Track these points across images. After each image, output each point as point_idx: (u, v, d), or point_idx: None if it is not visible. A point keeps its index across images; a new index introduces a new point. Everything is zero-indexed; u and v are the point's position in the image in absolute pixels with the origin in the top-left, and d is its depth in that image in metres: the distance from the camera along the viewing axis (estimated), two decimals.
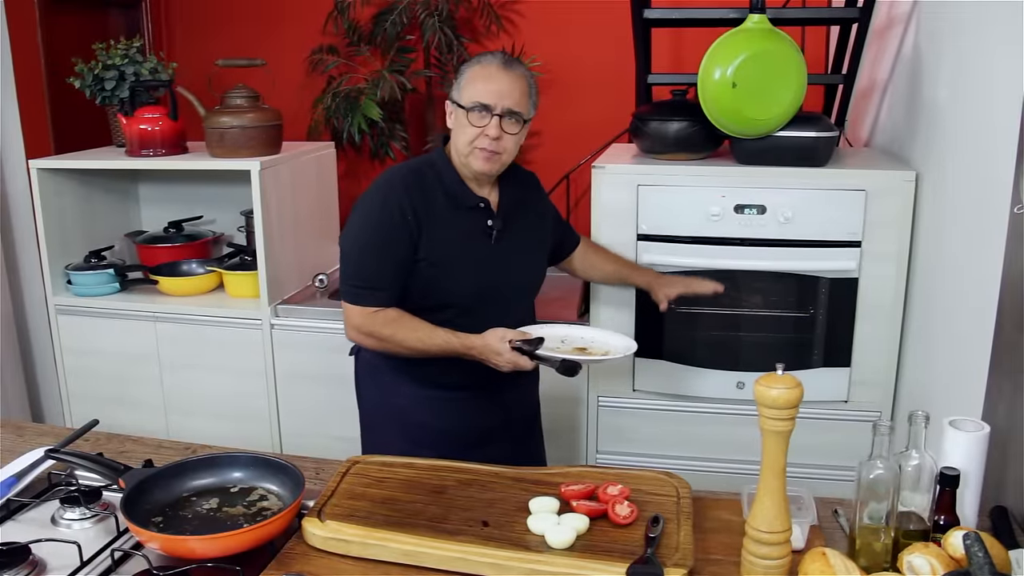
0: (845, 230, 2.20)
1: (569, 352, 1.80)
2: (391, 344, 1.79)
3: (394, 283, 1.78)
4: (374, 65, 3.70)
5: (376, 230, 1.78)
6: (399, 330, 1.77)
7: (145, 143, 2.85)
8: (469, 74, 1.78)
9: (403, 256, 1.77)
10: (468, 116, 1.75)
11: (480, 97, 1.74)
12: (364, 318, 1.79)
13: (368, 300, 1.78)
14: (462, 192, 1.82)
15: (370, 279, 1.78)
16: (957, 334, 1.87)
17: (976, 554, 1.10)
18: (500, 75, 1.75)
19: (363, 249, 1.79)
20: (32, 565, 1.34)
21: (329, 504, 1.47)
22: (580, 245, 2.18)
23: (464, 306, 1.82)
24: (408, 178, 1.80)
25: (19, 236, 3.32)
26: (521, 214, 1.90)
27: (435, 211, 1.79)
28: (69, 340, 2.94)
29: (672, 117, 2.34)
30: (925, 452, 1.33)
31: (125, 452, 1.81)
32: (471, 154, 1.77)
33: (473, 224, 1.83)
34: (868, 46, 2.49)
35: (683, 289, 2.11)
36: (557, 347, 1.81)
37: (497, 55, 1.79)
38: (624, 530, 1.40)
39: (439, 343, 1.76)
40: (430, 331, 1.76)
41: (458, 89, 1.79)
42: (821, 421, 2.32)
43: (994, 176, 1.66)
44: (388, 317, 1.78)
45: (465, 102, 1.76)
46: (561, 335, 1.87)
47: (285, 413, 2.81)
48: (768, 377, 1.23)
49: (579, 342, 1.87)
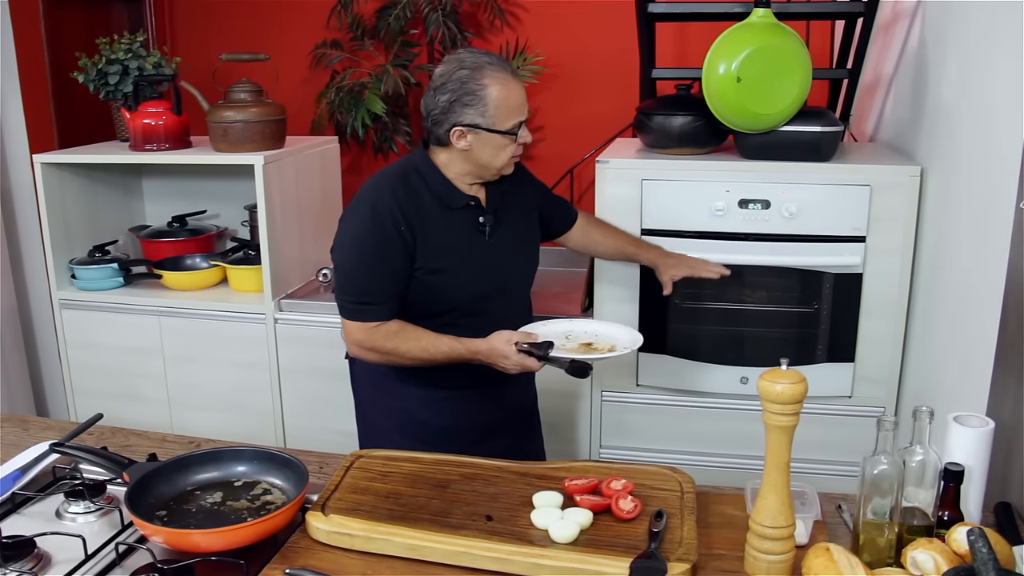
0: (850, 225, 2.19)
1: (575, 349, 1.78)
2: (395, 357, 1.75)
3: (392, 296, 1.74)
4: (378, 59, 3.70)
5: (369, 243, 1.72)
6: (402, 343, 1.73)
7: (149, 137, 2.85)
8: (495, 95, 1.68)
9: (399, 267, 1.73)
10: (508, 137, 1.72)
11: (517, 116, 1.72)
12: (365, 334, 1.75)
13: (367, 316, 1.74)
14: (450, 193, 1.78)
15: (367, 295, 1.74)
16: (962, 330, 1.87)
17: (980, 550, 1.09)
18: (517, 86, 1.72)
19: (357, 264, 1.74)
20: (37, 558, 1.35)
21: (333, 498, 1.48)
22: (579, 220, 2.12)
23: (467, 307, 1.80)
24: (395, 186, 1.74)
25: (23, 231, 3.32)
26: (510, 205, 1.87)
27: (427, 216, 1.74)
28: (73, 334, 2.94)
29: (676, 112, 2.34)
30: (929, 448, 1.33)
31: (129, 446, 1.81)
32: (506, 165, 1.76)
33: (465, 224, 1.80)
34: (873, 41, 2.48)
35: (688, 271, 2.08)
36: (562, 344, 1.79)
37: (496, 63, 1.71)
38: (628, 525, 1.40)
39: (444, 351, 1.73)
40: (434, 340, 1.73)
41: (484, 115, 1.69)
42: (825, 416, 2.31)
43: (999, 171, 1.66)
44: (390, 331, 1.74)
45: (505, 127, 1.70)
46: (564, 330, 1.85)
47: (289, 407, 2.81)
48: (772, 372, 1.23)
49: (584, 337, 1.84)
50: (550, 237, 2.10)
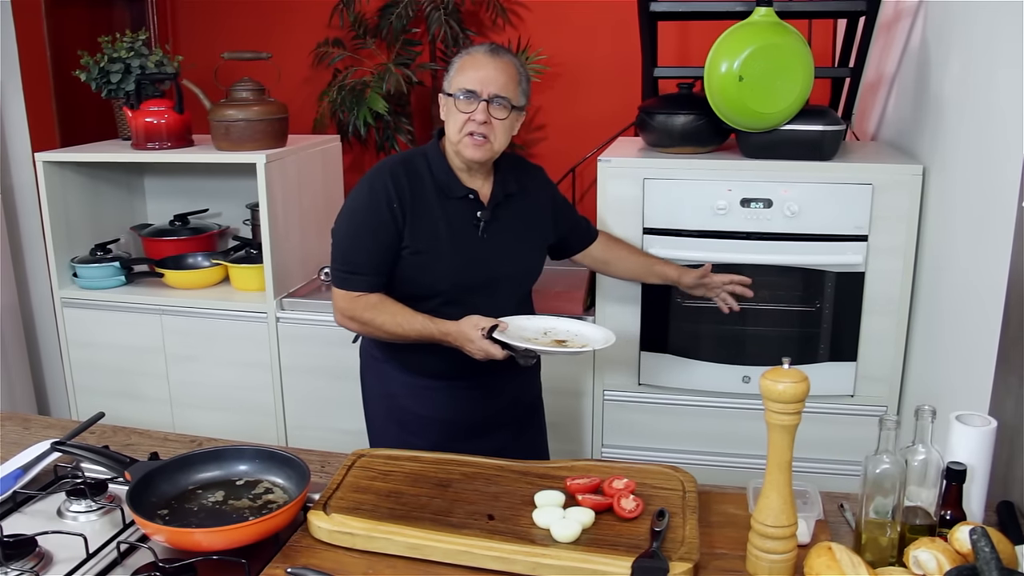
0: (852, 224, 2.19)
1: (548, 344, 1.79)
2: (372, 328, 1.82)
3: (378, 269, 1.81)
4: (380, 58, 3.70)
5: (361, 217, 1.81)
6: (379, 315, 1.80)
7: (151, 136, 2.85)
8: (458, 64, 1.80)
9: (387, 243, 1.79)
10: (456, 103, 1.76)
11: (467, 84, 1.76)
12: (348, 302, 1.83)
13: (352, 284, 1.82)
14: (450, 182, 1.83)
15: (354, 264, 1.81)
16: (964, 328, 1.87)
17: (983, 549, 1.09)
18: (486, 62, 1.77)
19: (347, 235, 1.83)
20: (38, 557, 1.35)
21: (334, 497, 1.48)
22: (601, 238, 2.15)
23: (450, 296, 1.83)
24: (396, 167, 1.82)
25: (25, 229, 3.33)
26: (516, 206, 1.90)
27: (422, 200, 1.81)
28: (75, 333, 2.95)
29: (678, 111, 2.34)
30: (931, 447, 1.33)
31: (131, 445, 1.81)
32: (461, 142, 1.78)
33: (461, 215, 1.84)
34: (875, 39, 2.48)
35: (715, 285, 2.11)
36: (536, 339, 1.80)
37: (485, 44, 1.82)
38: (629, 524, 1.40)
39: (417, 328, 1.78)
40: (409, 316, 1.78)
41: (448, 80, 1.81)
42: (827, 415, 2.31)
43: (1002, 170, 1.65)
44: (369, 302, 1.81)
45: (453, 90, 1.78)
46: (545, 327, 1.87)
47: (290, 406, 2.81)
48: (774, 371, 1.23)
49: (562, 335, 1.86)
50: (568, 253, 2.13)
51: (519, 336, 1.76)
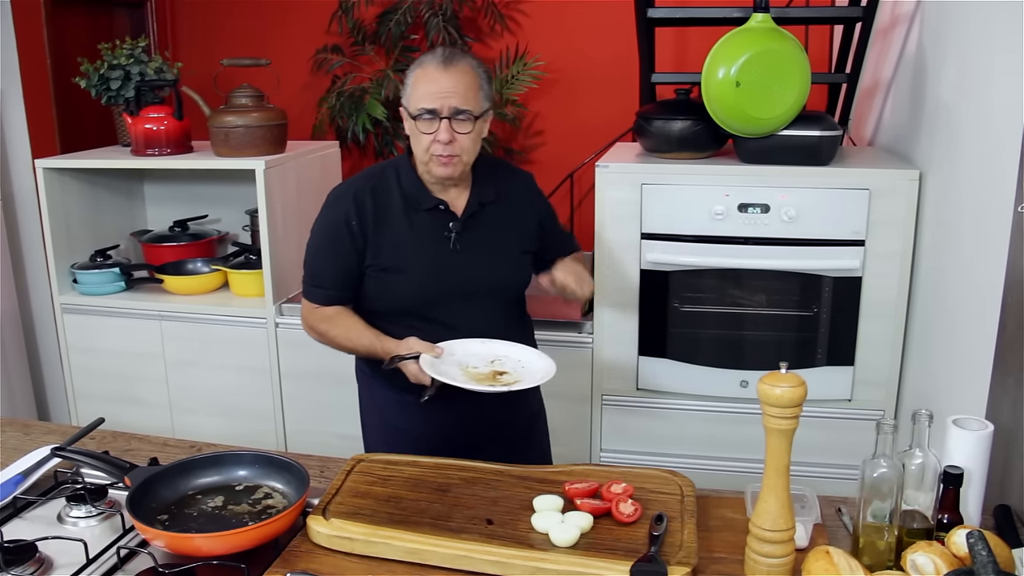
0: (849, 229, 2.20)
1: (487, 375, 1.67)
2: (328, 340, 1.83)
3: (337, 284, 1.80)
4: (378, 64, 3.71)
5: (321, 234, 1.82)
6: (333, 327, 1.81)
7: (150, 142, 2.85)
8: (412, 79, 1.71)
9: (344, 261, 1.78)
10: (417, 124, 1.69)
11: (424, 102, 1.67)
12: (308, 312, 1.85)
13: (314, 296, 1.83)
14: (418, 194, 1.77)
15: (315, 277, 1.83)
16: (961, 332, 1.87)
17: (979, 553, 1.10)
18: (440, 75, 1.67)
19: (310, 247, 1.85)
20: (38, 562, 1.35)
21: (334, 502, 1.48)
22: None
23: (422, 311, 1.77)
24: (360, 183, 1.80)
25: (25, 235, 3.33)
26: (494, 215, 1.81)
27: (387, 216, 1.75)
28: (75, 339, 2.95)
29: (676, 116, 2.34)
30: (929, 451, 1.34)
31: (131, 450, 1.81)
32: (430, 161, 1.71)
33: (430, 227, 1.77)
34: (872, 45, 2.49)
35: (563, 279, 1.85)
36: (477, 368, 1.69)
37: (437, 52, 1.70)
38: (628, 528, 1.40)
39: (365, 344, 1.76)
40: (360, 331, 1.77)
41: (405, 96, 1.73)
42: (825, 420, 2.32)
43: (998, 175, 1.66)
44: (326, 315, 1.82)
45: (413, 110, 1.69)
46: (495, 354, 1.74)
47: (290, 411, 2.82)
48: (772, 376, 1.23)
49: (510, 364, 1.72)
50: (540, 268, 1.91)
51: (463, 363, 1.68)
